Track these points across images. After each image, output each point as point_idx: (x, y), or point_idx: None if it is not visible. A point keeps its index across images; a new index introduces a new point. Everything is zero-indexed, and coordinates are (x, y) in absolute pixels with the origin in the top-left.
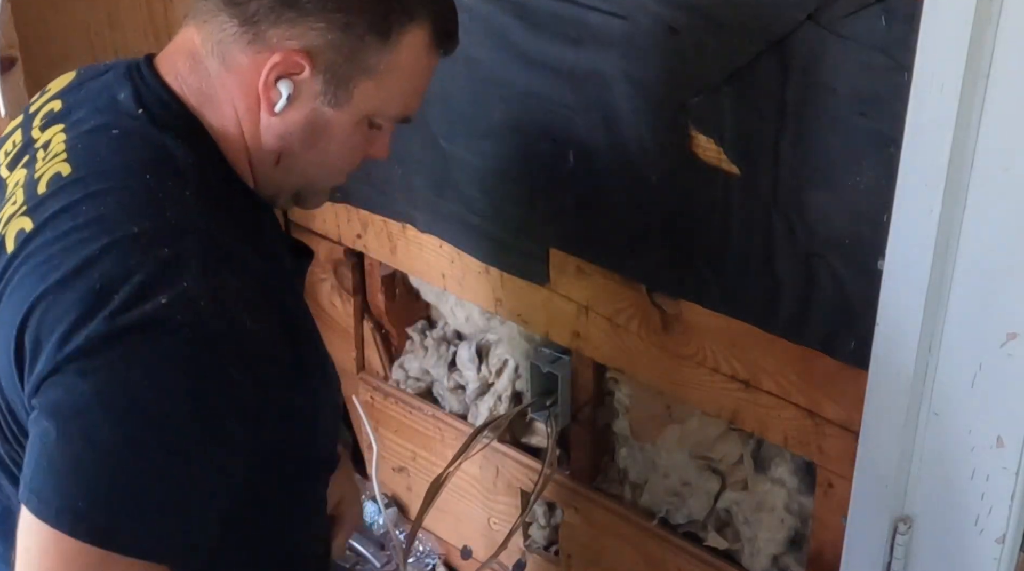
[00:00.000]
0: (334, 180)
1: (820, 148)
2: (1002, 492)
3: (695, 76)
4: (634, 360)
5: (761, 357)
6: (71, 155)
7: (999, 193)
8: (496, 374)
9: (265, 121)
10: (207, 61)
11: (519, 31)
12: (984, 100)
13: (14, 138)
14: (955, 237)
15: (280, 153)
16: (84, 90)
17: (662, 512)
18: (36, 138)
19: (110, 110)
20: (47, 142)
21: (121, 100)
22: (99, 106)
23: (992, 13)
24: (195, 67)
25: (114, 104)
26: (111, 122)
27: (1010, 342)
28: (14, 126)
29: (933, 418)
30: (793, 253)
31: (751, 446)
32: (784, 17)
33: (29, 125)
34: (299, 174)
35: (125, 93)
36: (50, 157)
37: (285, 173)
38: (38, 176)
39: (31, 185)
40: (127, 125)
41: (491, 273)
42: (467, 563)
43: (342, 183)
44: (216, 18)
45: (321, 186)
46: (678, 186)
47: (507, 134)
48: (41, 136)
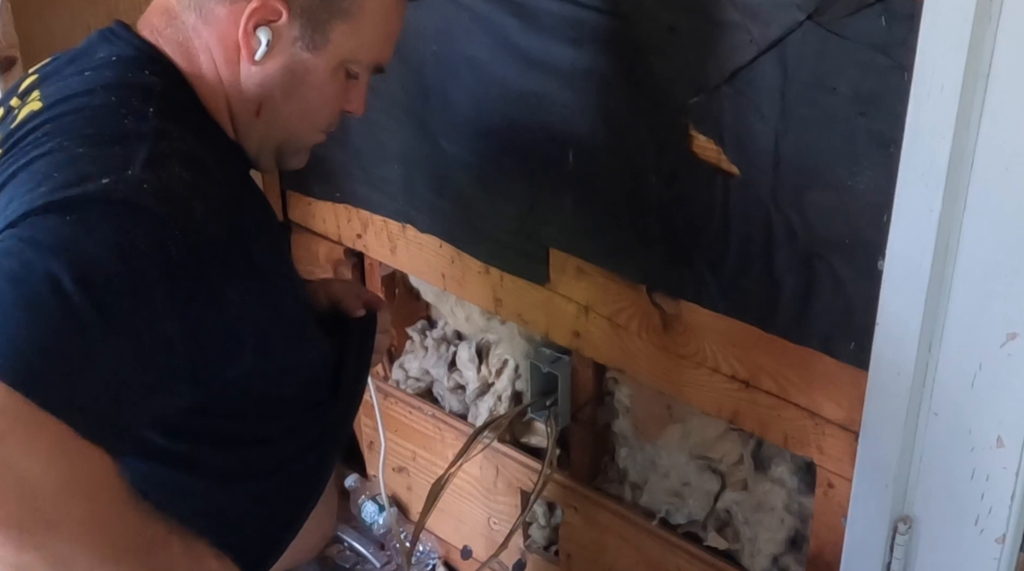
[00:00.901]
0: (314, 136)
1: (820, 148)
2: (1002, 492)
3: (695, 76)
4: (634, 360)
5: (761, 357)
6: (43, 95)
7: (999, 193)
8: (496, 374)
9: (245, 70)
10: (184, 15)
11: (519, 31)
12: (984, 100)
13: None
14: (955, 237)
15: (261, 103)
16: (60, 59)
17: (662, 512)
18: (15, 106)
19: (85, 60)
20: (26, 103)
21: (98, 56)
22: (75, 62)
23: (992, 13)
24: (171, 21)
25: (91, 59)
26: (84, 67)
27: (1010, 342)
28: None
29: (933, 418)
30: (793, 253)
31: (751, 446)
32: (784, 17)
33: (7, 105)
34: (281, 127)
35: (103, 52)
36: (27, 105)
37: (267, 126)
38: (15, 124)
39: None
40: (101, 67)
41: (491, 273)
42: (467, 563)
43: (321, 142)
44: None
45: (302, 141)
46: (678, 186)
47: (507, 134)
48: (20, 102)
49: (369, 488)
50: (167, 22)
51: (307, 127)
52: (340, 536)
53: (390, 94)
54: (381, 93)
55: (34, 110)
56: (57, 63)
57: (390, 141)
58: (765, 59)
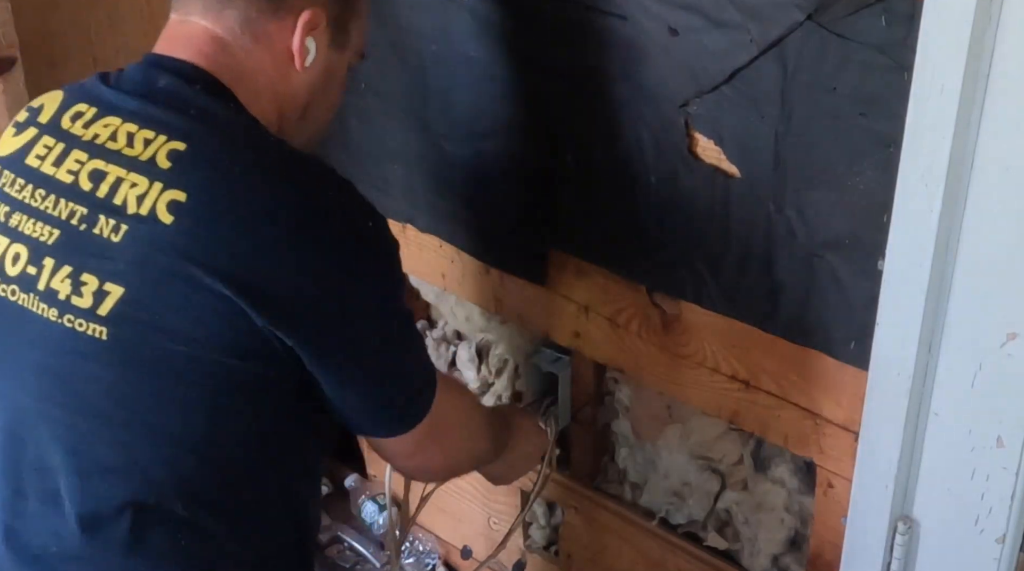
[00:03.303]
0: (328, 126)
1: (820, 148)
2: (1002, 492)
3: (695, 76)
4: (634, 360)
5: (761, 357)
6: (170, 136)
7: (999, 193)
8: (496, 374)
9: (296, 78)
10: (237, 42)
11: (519, 31)
12: (984, 100)
13: (43, 143)
14: (955, 237)
15: (307, 105)
16: (107, 91)
17: (662, 512)
18: (81, 134)
19: (166, 94)
20: (112, 134)
21: (165, 86)
22: (148, 95)
23: (992, 13)
24: (224, 50)
25: (165, 89)
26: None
27: (1010, 342)
28: (31, 137)
29: (933, 418)
30: (793, 253)
31: (751, 446)
32: (784, 17)
33: (58, 130)
34: (319, 123)
35: (165, 80)
36: (139, 143)
37: (309, 125)
38: (147, 157)
39: (145, 166)
40: (193, 100)
41: (491, 273)
42: (467, 563)
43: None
44: (235, 2)
45: (323, 133)
46: (678, 186)
47: (507, 134)
48: (87, 131)
49: (369, 488)
50: (220, 50)
51: (329, 118)
52: (340, 536)
53: (390, 94)
54: (381, 93)
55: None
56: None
57: (390, 141)
58: (765, 59)
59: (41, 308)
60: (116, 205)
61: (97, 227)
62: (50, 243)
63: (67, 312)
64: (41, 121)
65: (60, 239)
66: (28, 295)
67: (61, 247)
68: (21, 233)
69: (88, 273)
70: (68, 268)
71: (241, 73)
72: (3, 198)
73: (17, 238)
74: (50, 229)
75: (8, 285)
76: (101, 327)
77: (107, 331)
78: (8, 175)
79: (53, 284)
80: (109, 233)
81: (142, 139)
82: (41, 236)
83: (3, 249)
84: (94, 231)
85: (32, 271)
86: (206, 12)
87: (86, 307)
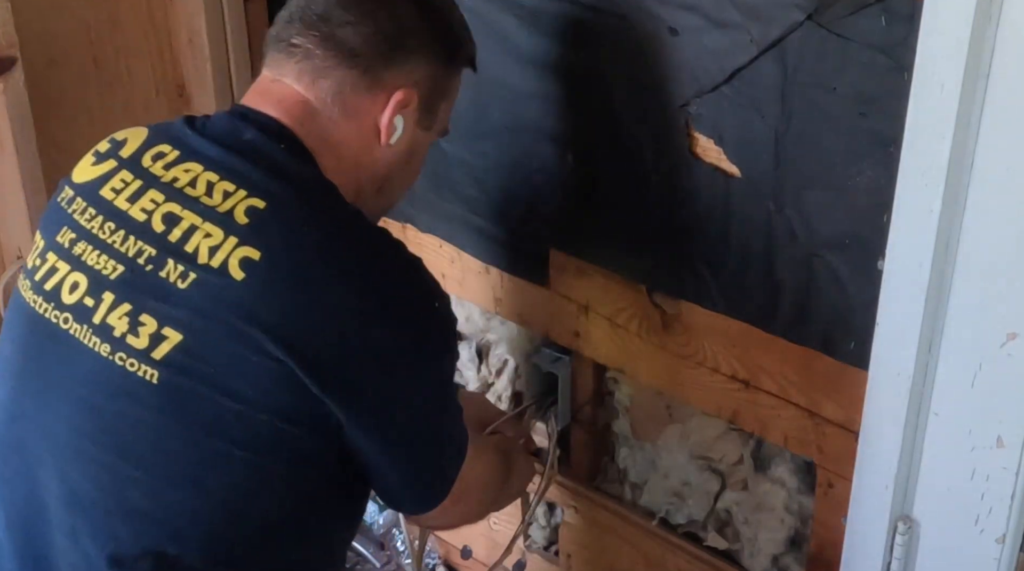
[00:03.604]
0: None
1: (820, 148)
2: (1002, 492)
3: (695, 76)
4: (634, 360)
5: (761, 357)
6: (251, 191)
7: (999, 193)
8: (496, 374)
9: (379, 153)
10: (326, 111)
11: (519, 31)
12: (984, 100)
13: (121, 177)
14: (955, 237)
15: (385, 180)
16: (192, 136)
17: (662, 512)
18: (160, 175)
19: (250, 148)
20: (191, 180)
21: (250, 139)
22: (233, 146)
23: (992, 13)
24: (313, 117)
25: (251, 143)
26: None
27: (1010, 342)
28: (109, 169)
29: (933, 418)
30: (793, 253)
31: (751, 446)
32: (784, 17)
33: (138, 167)
34: (390, 196)
35: (251, 134)
36: (219, 193)
37: (384, 199)
38: (225, 209)
39: (222, 218)
40: (277, 158)
41: (491, 273)
42: (467, 563)
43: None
44: (333, 73)
45: (394, 207)
46: (678, 186)
47: (507, 134)
48: (167, 173)
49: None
50: (310, 117)
51: (404, 192)
52: None
53: None
54: None
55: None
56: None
57: None
58: (765, 59)
59: (93, 341)
60: (187, 252)
61: (164, 271)
62: (112, 278)
63: (120, 350)
64: (122, 155)
65: (123, 276)
66: (81, 326)
67: (123, 284)
68: (84, 262)
69: (147, 314)
70: (127, 306)
71: (326, 140)
72: (71, 225)
73: (79, 267)
74: (114, 264)
75: (62, 312)
76: (153, 370)
77: (159, 375)
78: (80, 202)
79: (109, 320)
80: (176, 278)
81: (222, 190)
82: (104, 269)
83: (62, 276)
84: (160, 274)
85: (89, 303)
86: (300, 78)
87: (141, 348)
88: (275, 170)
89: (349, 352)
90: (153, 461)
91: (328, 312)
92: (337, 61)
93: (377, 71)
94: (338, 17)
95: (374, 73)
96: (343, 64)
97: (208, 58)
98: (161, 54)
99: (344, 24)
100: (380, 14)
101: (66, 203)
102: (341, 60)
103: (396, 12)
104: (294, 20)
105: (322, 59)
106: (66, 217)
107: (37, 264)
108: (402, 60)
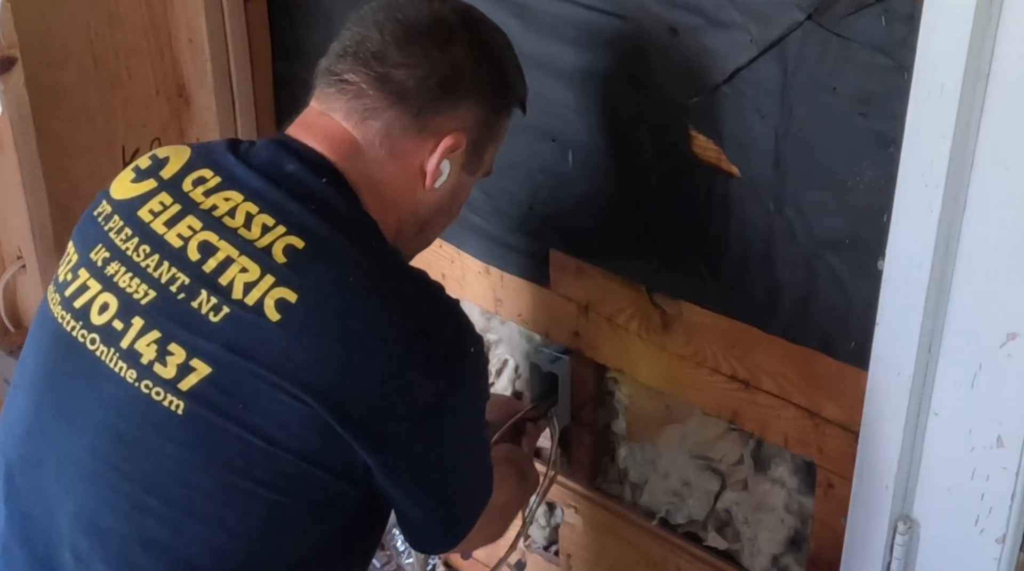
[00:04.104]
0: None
1: (820, 148)
2: (1002, 492)
3: (695, 76)
4: (634, 360)
5: (761, 357)
6: (290, 228)
7: (999, 193)
8: (496, 374)
9: (423, 196)
10: (372, 151)
11: (519, 31)
12: (984, 100)
13: (160, 199)
14: (955, 237)
15: (426, 222)
16: (234, 162)
17: (662, 512)
18: (199, 201)
19: (293, 181)
20: (231, 210)
21: (293, 171)
22: (275, 177)
23: (992, 13)
24: (358, 155)
25: (292, 175)
26: (306, 194)
27: (1010, 342)
28: (149, 189)
29: (933, 418)
30: (793, 253)
31: (751, 446)
32: (784, 17)
33: (178, 190)
34: (427, 237)
35: (294, 166)
36: (257, 226)
37: (422, 240)
38: (263, 245)
39: (259, 254)
40: (318, 193)
41: (491, 273)
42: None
43: None
44: (383, 114)
45: (429, 245)
46: (678, 186)
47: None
48: (208, 200)
49: None
50: (354, 155)
51: (442, 231)
52: None
53: None
54: None
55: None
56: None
57: None
58: (765, 59)
59: (120, 366)
60: (221, 285)
61: (196, 301)
62: (143, 303)
63: (146, 378)
64: (163, 175)
65: (154, 302)
66: (108, 349)
67: (154, 310)
68: (115, 284)
69: (177, 344)
70: (156, 333)
71: (370, 179)
72: (106, 242)
73: (110, 288)
74: (146, 288)
75: (90, 333)
76: (179, 401)
77: (184, 406)
78: (117, 221)
79: (137, 346)
80: (208, 311)
81: (260, 224)
82: (136, 293)
83: (93, 295)
84: (192, 304)
85: (118, 326)
86: (348, 116)
87: (168, 377)
88: (316, 206)
89: (382, 401)
90: (174, 494)
91: (363, 361)
92: (389, 102)
93: (428, 115)
94: (393, 57)
95: (425, 117)
96: (395, 106)
97: (208, 58)
98: (161, 54)
99: (399, 66)
100: (435, 56)
101: (103, 219)
102: (393, 102)
103: (452, 56)
104: (347, 55)
105: (374, 99)
106: (102, 234)
107: (68, 278)
108: (453, 105)
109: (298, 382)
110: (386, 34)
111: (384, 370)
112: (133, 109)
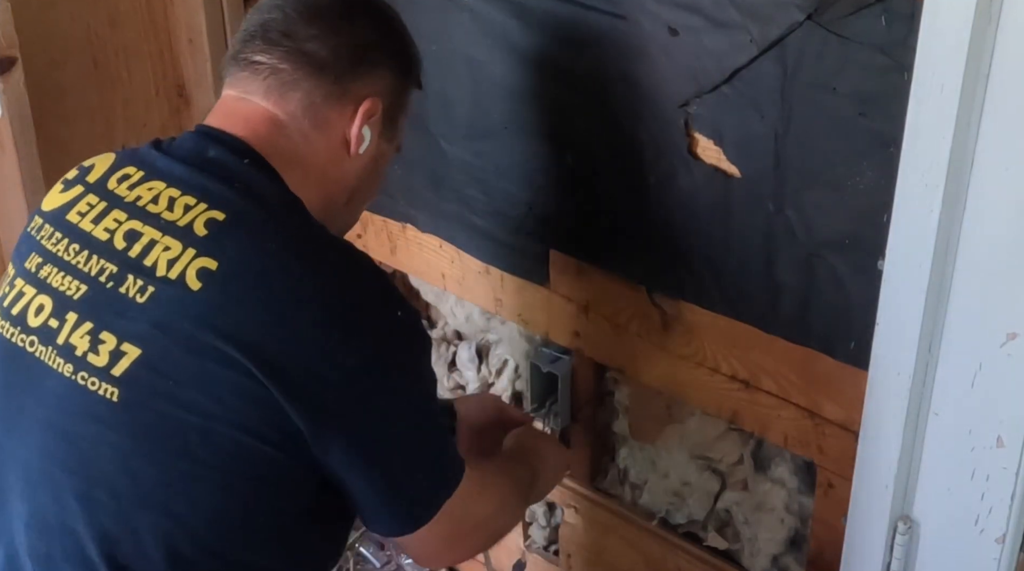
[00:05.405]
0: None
1: (820, 148)
2: (1002, 492)
3: (695, 76)
4: (634, 360)
5: (761, 357)
6: (211, 204)
7: (999, 193)
8: (496, 374)
9: (348, 164)
10: (295, 124)
11: (519, 31)
12: (984, 100)
13: (87, 201)
14: (955, 237)
15: (353, 192)
16: (158, 156)
17: (662, 512)
18: (124, 195)
19: (215, 165)
20: (154, 197)
21: (214, 156)
22: (197, 163)
23: (992, 13)
24: (282, 132)
25: (215, 160)
26: (228, 175)
27: (1010, 342)
28: (76, 194)
29: (933, 418)
30: (793, 253)
31: (751, 446)
32: (784, 17)
33: (103, 189)
34: (355, 209)
35: (215, 151)
36: (180, 208)
37: (348, 213)
38: (185, 223)
39: (181, 231)
40: (240, 173)
41: (491, 273)
42: (467, 563)
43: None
44: (303, 84)
45: (354, 223)
46: (678, 187)
47: (507, 134)
48: (131, 193)
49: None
50: (277, 133)
51: (364, 209)
52: None
53: None
54: None
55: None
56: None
57: None
58: (765, 59)
59: (57, 362)
60: (146, 266)
61: (124, 286)
62: (76, 298)
63: (82, 369)
64: (89, 180)
65: (86, 295)
66: (47, 348)
67: (86, 303)
68: (49, 285)
69: (108, 331)
70: (89, 324)
71: (293, 155)
72: (38, 250)
73: (44, 289)
74: (78, 284)
75: (28, 336)
76: (113, 388)
77: (118, 392)
78: (48, 229)
79: (72, 339)
80: (135, 293)
81: (183, 205)
82: (68, 290)
83: (29, 299)
84: (120, 290)
85: (54, 324)
86: (268, 94)
87: (101, 365)
88: (237, 184)
89: (307, 361)
90: (120, 484)
91: (287, 320)
92: (306, 72)
93: (347, 81)
94: (302, 33)
95: (344, 82)
96: (313, 76)
97: (208, 58)
98: (161, 54)
99: (310, 38)
100: (344, 28)
101: (35, 231)
102: (311, 71)
103: (358, 27)
104: (255, 38)
105: (290, 73)
106: (35, 244)
107: (7, 291)
108: (367, 71)
109: (226, 345)
110: (289, 12)
111: (307, 329)
112: (133, 109)
